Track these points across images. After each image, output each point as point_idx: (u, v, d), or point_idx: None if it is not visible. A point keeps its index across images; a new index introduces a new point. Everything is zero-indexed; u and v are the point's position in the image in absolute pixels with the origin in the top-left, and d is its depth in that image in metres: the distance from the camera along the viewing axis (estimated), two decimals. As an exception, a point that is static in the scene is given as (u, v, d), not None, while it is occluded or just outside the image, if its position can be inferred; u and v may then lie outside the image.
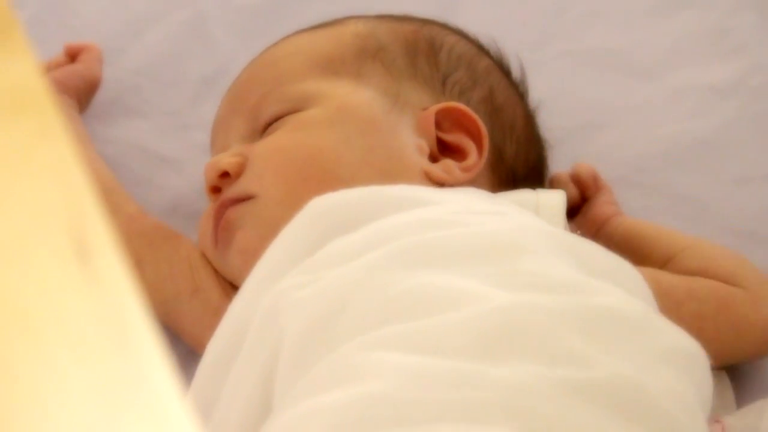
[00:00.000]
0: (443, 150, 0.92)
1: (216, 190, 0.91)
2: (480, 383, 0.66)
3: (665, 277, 0.92)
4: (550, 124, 1.02)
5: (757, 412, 0.82)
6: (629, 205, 1.05)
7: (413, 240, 0.76)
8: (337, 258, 0.76)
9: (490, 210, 0.82)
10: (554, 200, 0.89)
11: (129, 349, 0.40)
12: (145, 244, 0.97)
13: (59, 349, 0.40)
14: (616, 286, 0.75)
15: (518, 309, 0.70)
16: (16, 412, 0.38)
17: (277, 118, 0.92)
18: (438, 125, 0.92)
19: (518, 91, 1.01)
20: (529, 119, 1.00)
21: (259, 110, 0.93)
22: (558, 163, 1.04)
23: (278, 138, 0.90)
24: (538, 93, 1.03)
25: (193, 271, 0.95)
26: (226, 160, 0.90)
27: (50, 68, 1.09)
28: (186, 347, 0.94)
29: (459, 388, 0.66)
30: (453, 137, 0.92)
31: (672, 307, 0.87)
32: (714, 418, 0.84)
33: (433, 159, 0.91)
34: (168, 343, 0.42)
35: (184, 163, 1.11)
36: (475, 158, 0.91)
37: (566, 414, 0.65)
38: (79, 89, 1.08)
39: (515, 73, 1.02)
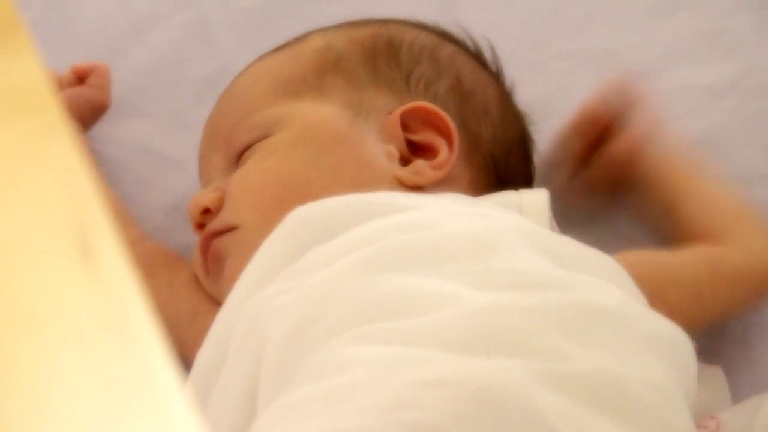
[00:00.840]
0: (415, 151, 0.92)
1: (201, 225, 0.92)
2: (463, 379, 0.66)
3: (658, 257, 0.93)
4: (547, 124, 1.02)
5: (752, 409, 0.82)
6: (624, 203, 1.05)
7: (390, 243, 0.76)
8: (315, 265, 0.77)
9: (468, 212, 0.82)
10: (538, 199, 0.88)
11: (131, 345, 0.40)
12: (144, 269, 0.97)
13: (63, 345, 0.40)
14: (595, 278, 0.75)
15: (495, 309, 0.70)
16: (20, 408, 0.38)
17: (248, 147, 0.92)
18: (405, 127, 0.92)
19: (490, 72, 1.00)
20: (503, 99, 0.98)
21: (231, 142, 0.93)
22: (555, 163, 1.03)
23: (249, 168, 0.91)
24: (536, 93, 1.03)
25: (192, 294, 0.96)
26: (207, 197, 0.92)
27: (58, 86, 1.08)
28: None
29: (441, 384, 0.66)
30: (422, 136, 0.92)
31: (668, 283, 0.90)
32: (709, 414, 0.84)
33: (405, 162, 0.91)
34: (169, 338, 0.42)
35: (186, 163, 1.10)
36: (446, 154, 0.91)
37: (548, 408, 0.65)
38: (85, 114, 1.07)
39: (486, 54, 1.01)
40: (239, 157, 0.93)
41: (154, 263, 0.99)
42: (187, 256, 1.00)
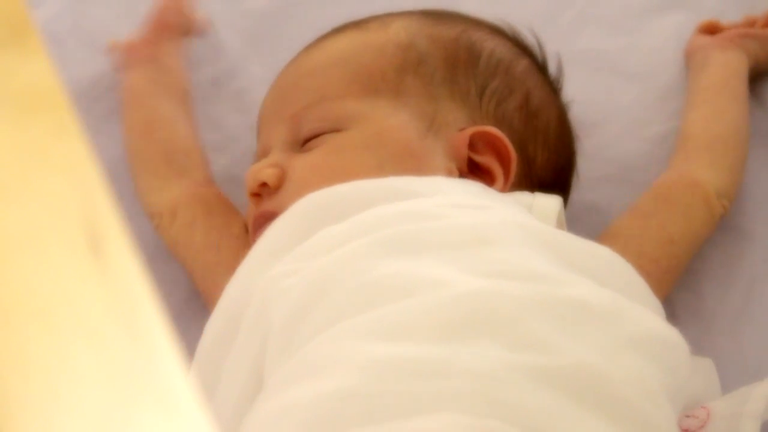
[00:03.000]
0: (473, 169, 0.91)
1: (256, 194, 0.92)
2: (447, 372, 0.66)
3: (620, 223, 0.98)
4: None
5: (741, 399, 0.82)
6: (617, 202, 1.05)
7: (393, 231, 0.76)
8: (321, 248, 0.77)
9: (474, 204, 0.81)
10: (549, 203, 0.88)
11: (139, 336, 0.40)
12: (203, 209, 1.00)
13: (72, 337, 0.40)
14: (590, 279, 0.75)
15: (486, 294, 0.70)
16: (31, 398, 0.38)
17: (317, 135, 0.91)
18: (471, 146, 0.91)
19: (553, 88, 1.00)
20: (562, 119, 0.99)
21: (300, 122, 0.92)
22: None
23: (316, 158, 0.90)
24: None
25: (237, 246, 0.96)
26: (266, 172, 0.91)
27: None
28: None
29: (425, 379, 0.66)
30: (484, 159, 0.91)
31: (639, 242, 0.95)
32: (699, 404, 0.84)
33: None
34: (176, 331, 0.42)
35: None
36: (501, 184, 0.91)
37: (531, 401, 0.65)
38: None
39: (552, 68, 1.01)
40: (305, 140, 0.92)
41: (213, 207, 1.00)
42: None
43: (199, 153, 1.06)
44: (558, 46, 1.11)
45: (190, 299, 1.00)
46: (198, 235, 0.98)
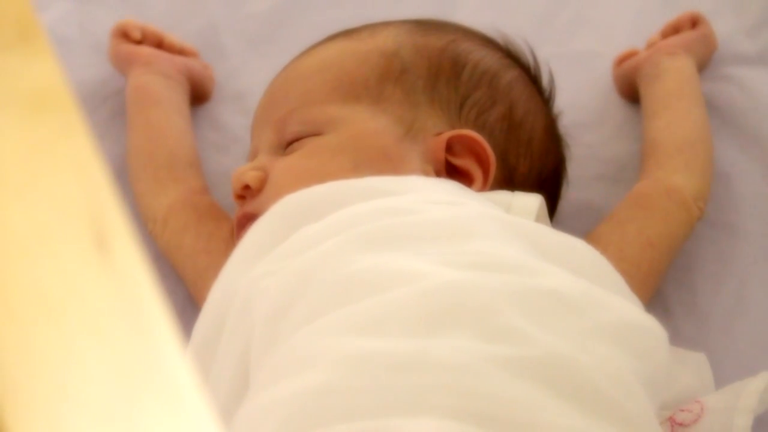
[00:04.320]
0: (451, 172, 0.91)
1: (240, 197, 0.93)
2: (424, 366, 0.66)
3: (599, 229, 0.98)
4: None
5: (734, 393, 0.82)
6: (611, 200, 1.05)
7: (369, 227, 0.76)
8: (300, 247, 0.77)
9: (449, 200, 0.82)
10: (528, 201, 0.88)
11: (144, 332, 0.40)
12: (195, 216, 1.01)
13: (79, 332, 0.40)
14: (564, 269, 0.75)
15: (461, 285, 0.70)
16: (37, 392, 0.38)
17: (298, 139, 0.92)
18: (449, 149, 0.91)
19: (542, 97, 1.00)
20: (548, 128, 0.99)
21: (285, 126, 0.93)
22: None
23: (293, 161, 0.91)
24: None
25: (228, 248, 0.96)
26: (249, 175, 0.92)
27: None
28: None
29: (402, 373, 0.65)
30: (462, 162, 0.91)
31: (619, 247, 0.95)
32: (694, 399, 0.84)
33: None
34: (180, 326, 0.42)
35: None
36: (480, 185, 0.91)
37: (505, 391, 0.65)
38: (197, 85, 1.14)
39: (543, 77, 1.01)
40: (288, 144, 0.93)
41: (204, 213, 1.01)
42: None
43: (198, 163, 1.07)
44: (553, 49, 1.11)
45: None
46: (188, 240, 1.00)
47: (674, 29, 1.13)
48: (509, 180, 0.94)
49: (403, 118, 0.92)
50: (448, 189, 0.85)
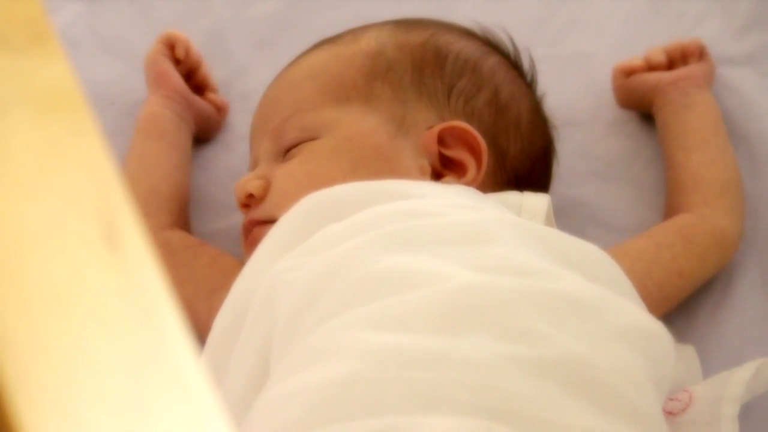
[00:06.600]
0: (446, 164, 0.91)
1: (245, 205, 0.93)
2: (445, 362, 0.66)
3: (634, 244, 0.96)
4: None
5: (722, 382, 0.82)
6: (602, 197, 1.05)
7: (393, 227, 0.76)
8: (324, 244, 0.77)
9: (466, 204, 0.82)
10: (538, 202, 0.88)
11: (153, 324, 0.40)
12: (167, 251, 0.99)
13: (90, 325, 0.40)
14: (579, 273, 0.75)
15: (480, 287, 0.70)
16: (49, 384, 0.38)
17: (296, 145, 0.92)
18: (441, 141, 0.91)
19: (525, 81, 1.00)
20: (534, 109, 0.99)
21: (281, 134, 0.93)
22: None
23: (293, 166, 0.91)
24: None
25: (211, 274, 0.96)
26: (252, 184, 0.92)
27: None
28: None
29: (425, 368, 0.66)
30: (455, 153, 0.91)
31: (650, 266, 0.93)
32: (682, 388, 0.84)
33: (436, 175, 0.91)
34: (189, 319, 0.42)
35: (203, 160, 1.11)
36: (474, 174, 0.91)
37: (523, 389, 0.65)
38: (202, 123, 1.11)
39: (525, 63, 1.01)
40: (286, 150, 0.93)
41: (178, 245, 0.99)
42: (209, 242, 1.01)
43: (182, 198, 1.04)
44: (547, 50, 1.11)
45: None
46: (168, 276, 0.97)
47: (681, 54, 1.09)
48: (501, 164, 0.94)
49: (394, 114, 0.92)
50: (464, 194, 0.85)
